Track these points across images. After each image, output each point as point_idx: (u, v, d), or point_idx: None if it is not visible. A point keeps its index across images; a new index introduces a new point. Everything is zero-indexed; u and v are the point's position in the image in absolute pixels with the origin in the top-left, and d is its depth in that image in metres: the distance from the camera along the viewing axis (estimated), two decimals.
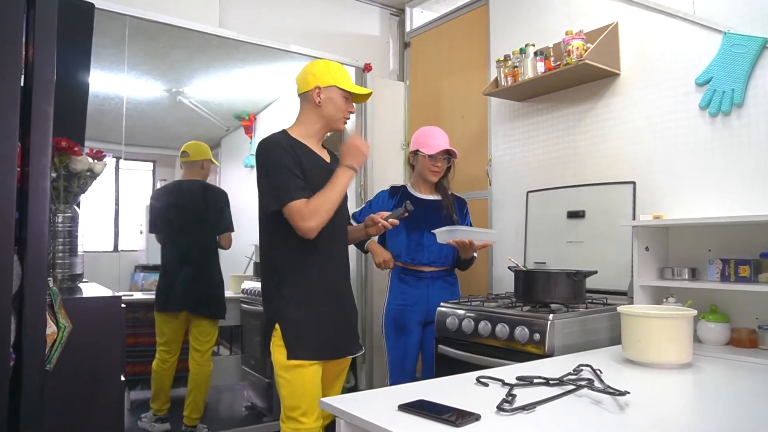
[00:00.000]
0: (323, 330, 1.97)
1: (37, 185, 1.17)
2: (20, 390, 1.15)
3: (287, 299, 1.96)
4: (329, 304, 2.01)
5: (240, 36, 3.43)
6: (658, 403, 1.35)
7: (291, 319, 1.94)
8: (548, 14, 2.95)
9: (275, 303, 1.98)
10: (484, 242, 2.64)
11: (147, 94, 4.88)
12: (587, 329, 2.11)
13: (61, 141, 2.09)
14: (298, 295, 1.96)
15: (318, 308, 1.98)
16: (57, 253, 2.18)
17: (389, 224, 2.18)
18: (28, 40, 1.20)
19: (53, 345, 1.35)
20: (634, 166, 2.52)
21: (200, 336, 3.49)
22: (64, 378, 1.69)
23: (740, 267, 2.00)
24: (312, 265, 1.98)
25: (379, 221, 2.17)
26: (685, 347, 1.70)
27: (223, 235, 3.64)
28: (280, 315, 1.95)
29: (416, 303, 2.73)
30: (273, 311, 1.98)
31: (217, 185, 4.20)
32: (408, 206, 2.19)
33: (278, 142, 2.00)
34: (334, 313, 2.02)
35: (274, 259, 2.01)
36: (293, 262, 1.97)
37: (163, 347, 3.45)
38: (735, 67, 2.17)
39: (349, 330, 2.10)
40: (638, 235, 2.20)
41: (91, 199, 2.64)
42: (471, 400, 1.28)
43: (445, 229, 2.53)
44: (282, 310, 1.96)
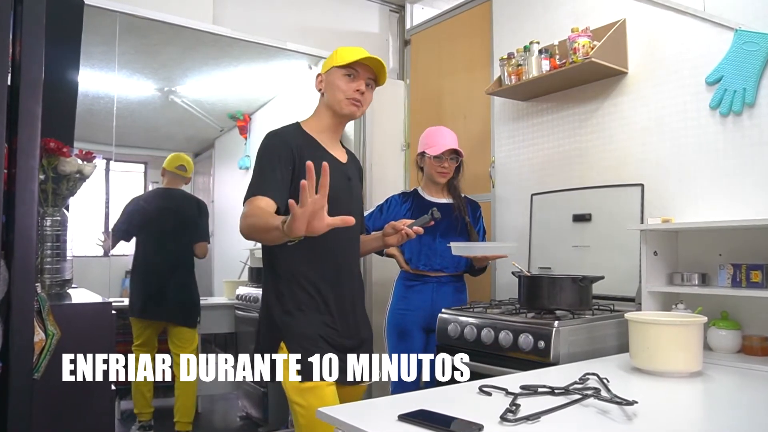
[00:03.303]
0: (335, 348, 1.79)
1: (24, 187, 1.17)
2: (7, 399, 1.15)
3: (291, 313, 1.80)
4: (340, 320, 1.84)
5: (234, 33, 3.43)
6: (667, 413, 1.35)
7: (299, 336, 1.77)
8: (553, 11, 2.96)
9: (278, 318, 1.81)
10: (498, 255, 2.65)
11: (138, 93, 4.89)
12: (594, 337, 2.11)
13: (50, 142, 2.09)
14: (303, 308, 1.80)
15: (327, 324, 1.81)
16: (45, 257, 2.17)
17: (413, 233, 1.97)
18: (15, 37, 1.20)
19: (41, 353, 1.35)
20: (642, 167, 2.52)
21: (179, 342, 3.63)
22: (52, 387, 1.68)
23: (752, 272, 2.00)
24: (316, 274, 1.82)
25: (403, 229, 1.96)
26: (695, 355, 1.70)
27: (198, 244, 3.75)
28: (285, 332, 1.78)
29: (419, 308, 2.74)
30: (276, 327, 1.80)
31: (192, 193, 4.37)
32: (435, 213, 2.02)
33: (279, 134, 1.86)
34: (347, 330, 1.86)
35: (275, 267, 1.86)
36: (295, 272, 1.82)
37: (140, 348, 3.58)
38: (747, 65, 2.17)
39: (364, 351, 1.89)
40: (646, 240, 2.20)
41: (80, 202, 2.64)
42: (473, 409, 1.28)
43: (462, 245, 2.56)
44: (287, 326, 1.78)
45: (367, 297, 3.74)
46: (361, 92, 1.87)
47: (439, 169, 2.78)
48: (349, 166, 2.00)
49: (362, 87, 1.87)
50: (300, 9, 3.79)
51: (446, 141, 2.77)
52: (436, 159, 2.77)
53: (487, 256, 2.61)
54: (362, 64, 1.86)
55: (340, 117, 1.92)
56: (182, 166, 3.82)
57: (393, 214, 2.83)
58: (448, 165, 2.78)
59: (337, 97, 1.87)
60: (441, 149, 2.75)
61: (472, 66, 3.48)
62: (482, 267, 2.78)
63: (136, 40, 3.79)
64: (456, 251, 2.54)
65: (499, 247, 2.73)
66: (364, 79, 1.88)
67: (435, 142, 2.78)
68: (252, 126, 5.50)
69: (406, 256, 2.79)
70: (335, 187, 1.72)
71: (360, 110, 1.91)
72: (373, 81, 1.92)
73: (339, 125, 1.96)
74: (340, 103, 1.87)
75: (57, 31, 1.97)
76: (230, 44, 3.73)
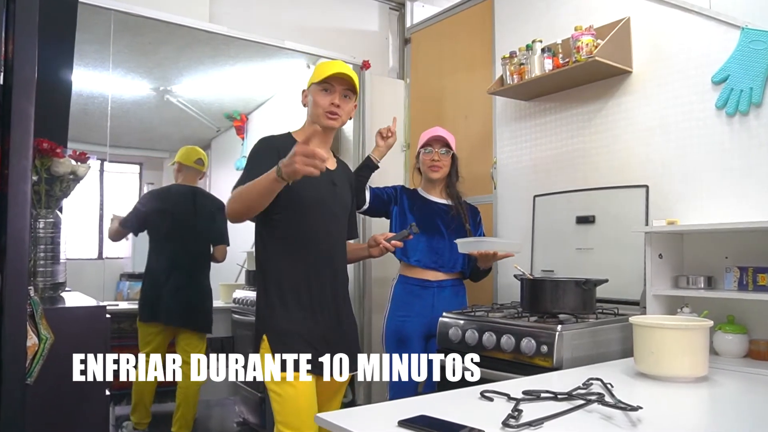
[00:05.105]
0: (314, 343, 1.94)
1: (17, 189, 1.17)
2: None
3: (274, 307, 1.96)
4: (321, 316, 1.99)
5: (231, 31, 3.43)
6: (672, 419, 1.35)
7: (279, 330, 1.94)
8: (556, 9, 2.96)
9: (262, 311, 1.99)
10: (507, 252, 2.65)
11: (133, 92, 4.89)
12: (597, 341, 2.11)
13: (43, 142, 2.10)
14: (284, 303, 1.96)
15: (307, 319, 1.96)
16: (38, 260, 2.18)
17: (392, 246, 2.22)
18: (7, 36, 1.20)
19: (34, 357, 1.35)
20: (647, 168, 2.52)
21: (188, 348, 3.50)
22: (45, 392, 1.68)
23: (759, 275, 2.00)
24: (297, 270, 1.98)
25: (382, 242, 2.21)
26: (701, 360, 1.70)
27: (217, 247, 3.67)
28: (267, 325, 1.96)
29: (420, 314, 2.72)
30: (260, 320, 1.99)
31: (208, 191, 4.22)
32: (413, 228, 2.22)
33: (267, 139, 2.07)
34: (328, 326, 2.00)
35: (261, 262, 2.03)
36: (278, 267, 1.99)
37: None
38: (753, 64, 2.17)
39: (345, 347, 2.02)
40: (651, 242, 2.20)
41: (74, 203, 2.64)
42: (475, 415, 1.28)
43: (470, 241, 2.56)
44: (269, 319, 1.96)
45: (366, 297, 3.76)
46: (336, 105, 2.03)
47: (429, 162, 2.79)
48: (337, 172, 2.15)
49: (336, 100, 2.04)
50: (298, 7, 3.79)
51: (434, 131, 2.82)
52: (426, 152, 2.80)
53: (495, 254, 2.59)
54: (337, 78, 2.03)
55: (323, 128, 2.06)
56: (200, 159, 3.71)
57: (393, 197, 2.85)
58: (439, 158, 2.79)
59: (316, 111, 2.05)
60: (426, 136, 2.80)
61: (474, 65, 3.48)
62: (486, 269, 2.77)
63: (130, 39, 3.79)
64: (462, 248, 2.54)
65: (508, 244, 2.72)
66: (339, 92, 2.04)
67: (424, 138, 2.84)
68: (249, 126, 5.50)
69: (398, 254, 2.76)
70: (321, 190, 2.02)
71: (338, 121, 2.07)
72: (350, 91, 2.08)
73: (324, 135, 2.09)
74: (319, 117, 2.04)
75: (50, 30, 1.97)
76: (227, 43, 3.74)
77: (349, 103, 2.09)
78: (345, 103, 2.07)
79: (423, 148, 2.83)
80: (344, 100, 2.06)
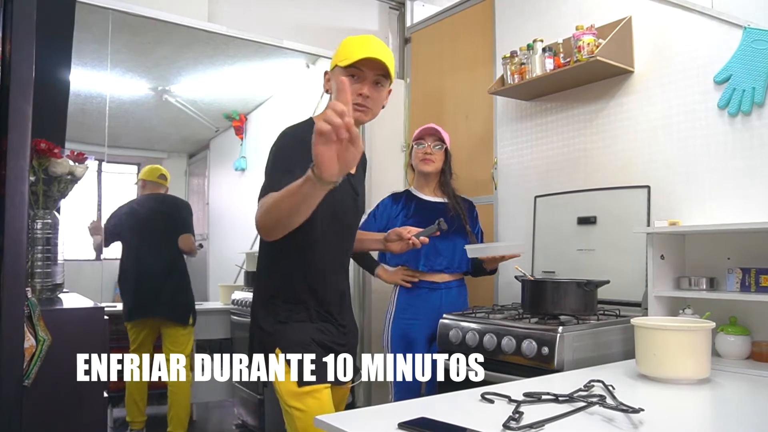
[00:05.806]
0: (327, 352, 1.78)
1: (14, 189, 1.17)
2: None
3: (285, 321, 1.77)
4: (329, 325, 1.83)
5: (230, 31, 3.43)
6: (674, 421, 1.35)
7: (294, 342, 1.73)
8: (557, 8, 2.96)
9: (271, 325, 1.77)
10: (513, 253, 2.64)
11: (131, 92, 4.89)
12: (599, 342, 2.11)
13: (40, 142, 2.09)
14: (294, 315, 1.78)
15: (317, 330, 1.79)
16: (36, 261, 2.17)
17: (419, 242, 2.02)
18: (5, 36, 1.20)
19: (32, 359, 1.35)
20: (649, 169, 2.53)
21: (172, 346, 3.63)
22: (43, 394, 1.68)
23: (761, 276, 2.00)
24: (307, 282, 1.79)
25: (410, 238, 2.00)
26: (703, 362, 1.70)
27: (180, 236, 3.77)
28: (279, 338, 1.74)
29: (428, 317, 2.69)
30: (267, 334, 1.78)
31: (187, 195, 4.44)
32: (442, 224, 2.07)
33: (293, 133, 1.72)
34: (334, 334, 1.85)
35: (268, 272, 1.84)
36: (288, 280, 1.79)
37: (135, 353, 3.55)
38: (756, 64, 2.17)
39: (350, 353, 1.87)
40: (653, 243, 2.20)
41: (71, 204, 2.64)
42: (475, 417, 1.28)
43: (479, 247, 2.59)
44: (281, 333, 1.75)
45: (365, 297, 3.76)
46: (365, 96, 1.70)
47: (421, 156, 2.79)
48: (358, 175, 1.92)
49: (365, 91, 1.70)
50: (297, 6, 3.79)
51: (428, 126, 2.83)
52: (418, 146, 2.80)
53: (504, 256, 2.58)
54: (368, 62, 1.68)
55: None
56: (162, 175, 3.95)
57: (386, 217, 2.83)
58: (431, 151, 2.79)
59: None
60: (420, 131, 2.81)
61: (474, 65, 3.48)
62: (493, 269, 2.77)
63: (129, 38, 3.80)
64: (471, 253, 2.54)
65: (515, 246, 2.72)
66: (370, 80, 1.71)
67: (417, 132, 2.85)
68: (248, 126, 5.50)
69: (405, 257, 2.72)
70: (342, 201, 1.76)
71: (368, 114, 1.75)
72: (383, 77, 1.74)
73: None
74: None
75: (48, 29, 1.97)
76: (226, 42, 3.74)
77: (382, 91, 1.76)
78: (377, 92, 1.73)
79: (416, 143, 2.83)
80: (375, 88, 1.73)
